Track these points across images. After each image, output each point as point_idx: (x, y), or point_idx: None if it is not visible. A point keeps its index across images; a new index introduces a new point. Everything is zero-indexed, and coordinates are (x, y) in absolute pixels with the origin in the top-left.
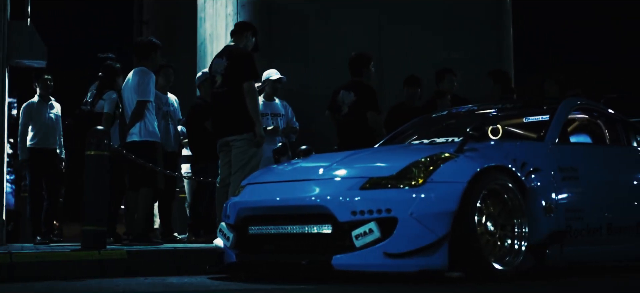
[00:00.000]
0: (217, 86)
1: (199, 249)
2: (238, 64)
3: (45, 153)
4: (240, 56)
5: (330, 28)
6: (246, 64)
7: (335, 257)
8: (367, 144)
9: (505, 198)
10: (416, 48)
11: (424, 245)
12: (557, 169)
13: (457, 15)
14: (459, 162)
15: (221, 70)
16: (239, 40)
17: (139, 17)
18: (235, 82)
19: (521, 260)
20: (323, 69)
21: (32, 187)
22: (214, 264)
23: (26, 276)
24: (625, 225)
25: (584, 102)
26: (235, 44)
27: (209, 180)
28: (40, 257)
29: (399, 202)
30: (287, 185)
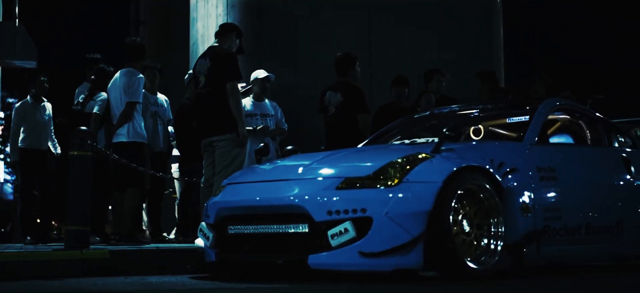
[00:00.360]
0: (200, 87)
1: (182, 249)
2: (221, 65)
3: (38, 153)
4: (224, 57)
5: (320, 28)
6: (229, 65)
7: (312, 256)
8: (355, 144)
9: (482, 198)
10: (406, 48)
11: (398, 245)
12: (536, 169)
13: (448, 15)
14: (434, 162)
15: (204, 71)
16: (223, 41)
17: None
18: (218, 82)
19: (497, 260)
20: (313, 70)
21: (23, 187)
22: (195, 264)
23: (8, 276)
24: (605, 225)
25: (564, 102)
26: (219, 45)
27: (194, 180)
28: (23, 257)
29: (374, 202)
30: (265, 185)
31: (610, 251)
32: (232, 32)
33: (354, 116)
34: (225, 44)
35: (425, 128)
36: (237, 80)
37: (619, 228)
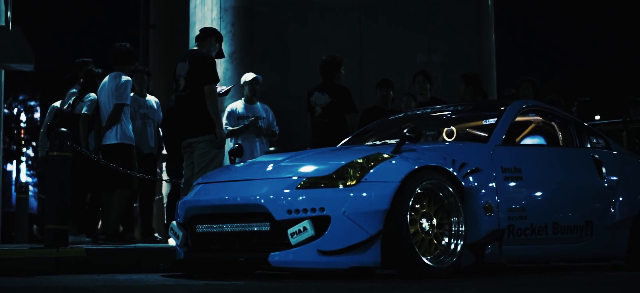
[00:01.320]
0: (180, 89)
1: (158, 248)
2: (199, 68)
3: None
4: (201, 60)
5: (311, 31)
6: (207, 67)
7: (272, 254)
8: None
9: (442, 198)
10: (397, 51)
11: (356, 243)
12: (500, 170)
13: (439, 18)
14: (393, 162)
15: (184, 74)
16: (202, 45)
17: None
18: (196, 85)
19: (457, 258)
20: (304, 72)
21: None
22: (168, 263)
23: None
24: (573, 224)
25: (531, 104)
26: (199, 49)
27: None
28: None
29: (332, 201)
30: (233, 185)
31: (579, 251)
32: (212, 36)
33: (341, 116)
34: (205, 47)
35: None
36: (215, 83)
37: (588, 228)
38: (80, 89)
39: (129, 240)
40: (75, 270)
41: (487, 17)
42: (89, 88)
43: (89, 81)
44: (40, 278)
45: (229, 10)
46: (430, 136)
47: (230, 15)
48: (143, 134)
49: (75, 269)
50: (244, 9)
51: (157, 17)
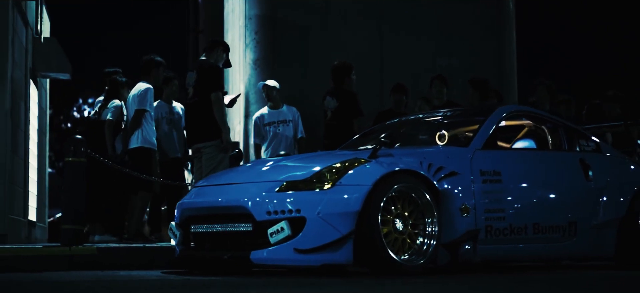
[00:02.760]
0: (189, 98)
1: (165, 247)
2: (206, 77)
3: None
4: (208, 69)
5: (331, 38)
6: (213, 77)
7: (253, 252)
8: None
9: (416, 200)
10: (417, 55)
11: (329, 242)
12: (479, 173)
13: (459, 21)
14: (368, 166)
15: (192, 83)
16: (210, 55)
17: (195, 26)
18: (204, 93)
19: (430, 257)
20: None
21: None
22: None
23: (3, 269)
24: (556, 224)
25: (515, 109)
26: (206, 59)
27: None
28: (15, 252)
29: (307, 203)
30: (223, 188)
31: (563, 250)
32: (219, 46)
33: (349, 120)
34: (212, 57)
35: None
36: (221, 91)
37: (571, 228)
38: (105, 97)
39: (148, 239)
40: (86, 267)
41: (508, 20)
42: (113, 95)
43: (113, 89)
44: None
45: (253, 19)
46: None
47: (254, 23)
48: (169, 139)
49: (86, 266)
50: (267, 17)
51: (205, 22)
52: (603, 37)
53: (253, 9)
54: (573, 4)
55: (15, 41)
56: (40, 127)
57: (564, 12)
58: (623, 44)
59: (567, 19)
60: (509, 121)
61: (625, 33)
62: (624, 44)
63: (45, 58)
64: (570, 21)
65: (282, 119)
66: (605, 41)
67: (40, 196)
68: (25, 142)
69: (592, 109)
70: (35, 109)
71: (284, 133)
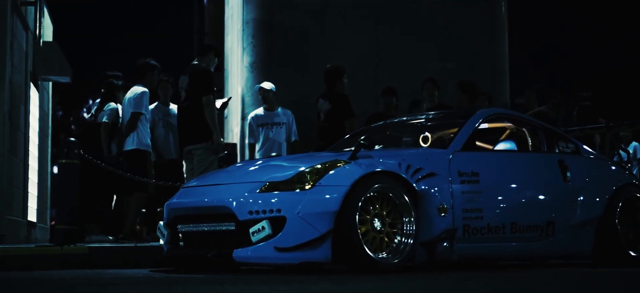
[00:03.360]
0: (181, 100)
1: (154, 246)
2: (198, 81)
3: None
4: (200, 73)
5: (327, 40)
6: (205, 81)
7: (236, 251)
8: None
9: (393, 200)
10: (411, 58)
11: (308, 241)
12: (457, 174)
13: (452, 26)
14: (347, 168)
15: (184, 87)
16: (202, 60)
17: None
18: (195, 96)
19: (408, 255)
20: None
21: None
22: None
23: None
24: (533, 224)
25: (494, 112)
26: (198, 63)
27: None
28: (8, 251)
29: (287, 203)
30: (209, 188)
31: (540, 249)
32: (211, 51)
33: (340, 122)
34: (204, 62)
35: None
36: (212, 95)
37: (549, 227)
38: (101, 99)
39: (144, 239)
40: (78, 266)
41: (500, 24)
42: (109, 98)
43: (109, 92)
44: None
45: (250, 23)
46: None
47: (252, 27)
48: (165, 141)
49: (78, 265)
50: (264, 21)
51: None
52: (603, 37)
53: (250, 13)
54: (573, 4)
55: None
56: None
57: (563, 11)
58: (623, 44)
59: (567, 19)
60: (491, 124)
61: (625, 33)
62: (624, 44)
63: (46, 61)
64: (570, 21)
65: (276, 121)
66: (605, 41)
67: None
68: (25, 144)
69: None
70: (36, 112)
71: (276, 136)
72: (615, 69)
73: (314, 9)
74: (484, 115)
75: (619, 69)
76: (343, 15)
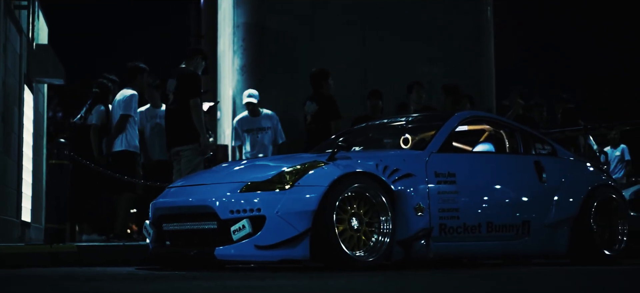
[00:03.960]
0: (169, 103)
1: (140, 245)
2: (185, 84)
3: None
4: (187, 77)
5: (317, 44)
6: (192, 84)
7: (217, 249)
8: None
9: (370, 199)
10: (399, 61)
11: (287, 239)
12: (433, 175)
13: (439, 29)
14: (325, 168)
15: (172, 89)
16: (189, 63)
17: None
18: (183, 99)
19: (384, 253)
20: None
21: None
22: None
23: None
24: (509, 223)
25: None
26: (186, 67)
27: None
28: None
29: (267, 203)
30: (192, 189)
31: (516, 248)
32: (198, 55)
33: (328, 123)
34: (192, 65)
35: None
36: (199, 98)
37: (525, 227)
38: (91, 101)
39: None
40: (67, 264)
41: (486, 28)
42: (100, 100)
43: (101, 94)
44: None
45: (240, 26)
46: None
47: (242, 31)
48: (153, 142)
49: (68, 264)
50: (254, 25)
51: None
52: (603, 37)
53: (241, 17)
54: (572, 4)
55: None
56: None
57: (563, 11)
58: (623, 44)
59: (567, 19)
60: (470, 126)
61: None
62: (624, 44)
63: (40, 64)
64: (569, 21)
65: (261, 126)
66: (605, 41)
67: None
68: (19, 145)
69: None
70: (31, 114)
71: (262, 140)
72: (615, 69)
73: (303, 14)
74: (461, 118)
75: (619, 69)
76: (332, 19)
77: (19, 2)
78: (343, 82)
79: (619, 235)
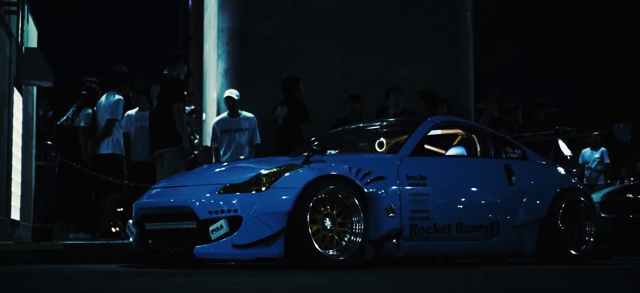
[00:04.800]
0: (153, 108)
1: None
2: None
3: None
4: (170, 83)
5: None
6: (175, 90)
7: (196, 247)
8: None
9: (343, 200)
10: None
11: (263, 238)
12: (405, 177)
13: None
14: (300, 171)
15: (157, 95)
16: (172, 69)
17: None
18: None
19: (356, 252)
20: None
21: None
22: None
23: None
24: (478, 224)
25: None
26: (169, 73)
27: None
28: None
29: (244, 203)
30: (172, 190)
31: (485, 248)
32: (181, 60)
33: (298, 126)
34: (175, 71)
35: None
36: (182, 102)
37: (493, 228)
38: (79, 103)
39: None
40: (54, 261)
41: (464, 34)
42: (88, 102)
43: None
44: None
45: (224, 31)
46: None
47: (226, 35)
48: (136, 143)
49: (54, 261)
50: (238, 30)
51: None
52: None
53: (225, 22)
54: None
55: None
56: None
57: (563, 12)
58: (623, 44)
59: (567, 19)
60: (444, 130)
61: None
62: (624, 44)
63: (30, 67)
64: (569, 21)
65: (238, 127)
66: (605, 41)
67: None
68: (9, 146)
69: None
70: (20, 115)
71: (239, 140)
72: (615, 69)
73: (286, 19)
74: (433, 123)
75: (619, 69)
76: (314, 24)
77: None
78: (324, 85)
79: (586, 236)
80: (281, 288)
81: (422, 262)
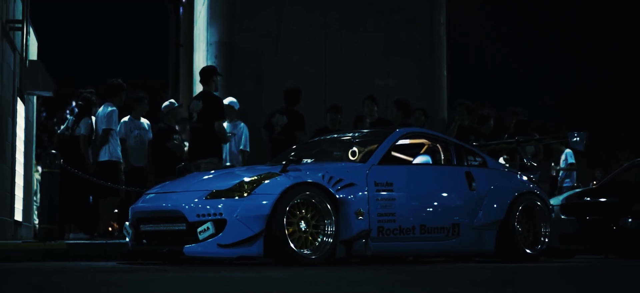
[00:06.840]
0: (194, 121)
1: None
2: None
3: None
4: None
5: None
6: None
7: (186, 247)
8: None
9: (316, 205)
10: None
11: (245, 239)
12: (373, 184)
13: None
14: (278, 179)
15: (197, 110)
16: (209, 86)
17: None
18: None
19: (328, 252)
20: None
21: None
22: None
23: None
24: (440, 226)
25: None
26: (208, 90)
27: None
28: None
29: (228, 208)
30: (165, 195)
31: (447, 248)
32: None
33: (294, 135)
34: (211, 87)
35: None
36: (222, 120)
37: (455, 229)
38: (77, 113)
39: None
40: (58, 259)
41: (439, 46)
42: (86, 112)
43: (87, 106)
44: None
45: (213, 44)
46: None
47: (214, 48)
48: (133, 150)
49: (58, 259)
50: (225, 43)
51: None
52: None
53: (213, 36)
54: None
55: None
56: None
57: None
58: (623, 43)
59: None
60: (412, 140)
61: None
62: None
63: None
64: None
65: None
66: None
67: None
68: (12, 152)
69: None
70: (22, 123)
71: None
72: (615, 69)
73: (269, 32)
74: (401, 134)
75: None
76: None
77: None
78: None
79: (542, 237)
80: (259, 282)
81: (392, 261)
